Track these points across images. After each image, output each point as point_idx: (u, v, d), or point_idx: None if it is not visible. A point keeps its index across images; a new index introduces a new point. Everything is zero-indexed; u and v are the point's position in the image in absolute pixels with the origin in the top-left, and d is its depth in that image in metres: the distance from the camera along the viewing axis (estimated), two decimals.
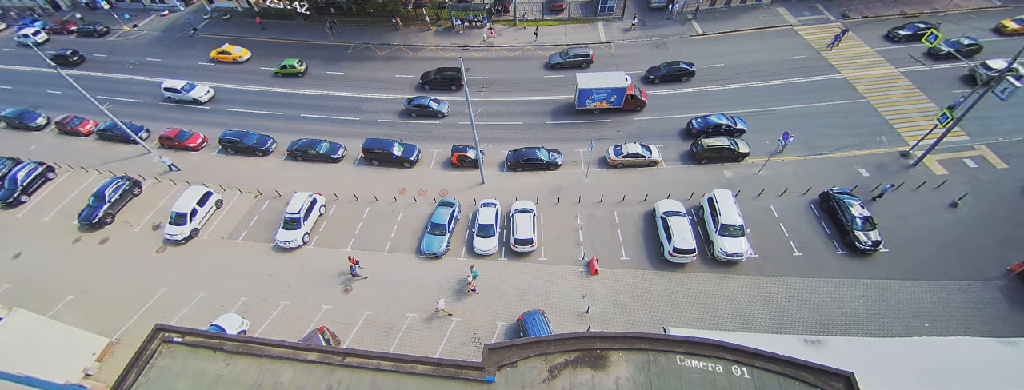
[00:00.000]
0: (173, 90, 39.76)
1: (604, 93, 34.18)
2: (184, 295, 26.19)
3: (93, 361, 23.03)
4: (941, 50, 35.99)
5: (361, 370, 13.16)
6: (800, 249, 25.78)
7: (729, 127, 32.27)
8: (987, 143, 30.08)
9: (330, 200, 31.14)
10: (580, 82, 34.10)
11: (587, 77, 34.70)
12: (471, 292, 25.07)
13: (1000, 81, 23.64)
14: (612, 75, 34.64)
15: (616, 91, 34.02)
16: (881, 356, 17.05)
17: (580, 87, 33.96)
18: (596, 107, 35.19)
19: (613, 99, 34.56)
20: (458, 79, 38.77)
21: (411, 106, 36.66)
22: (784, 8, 45.61)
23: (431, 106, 36.44)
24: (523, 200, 29.06)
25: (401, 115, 37.76)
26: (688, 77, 37.99)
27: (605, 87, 33.87)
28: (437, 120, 36.87)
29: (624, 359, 12.96)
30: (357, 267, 26.00)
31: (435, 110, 36.51)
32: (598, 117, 35.83)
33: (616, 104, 34.89)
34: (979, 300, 22.78)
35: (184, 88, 39.78)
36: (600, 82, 34.07)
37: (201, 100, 40.00)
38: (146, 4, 56.67)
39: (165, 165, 33.99)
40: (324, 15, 51.59)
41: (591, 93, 34.24)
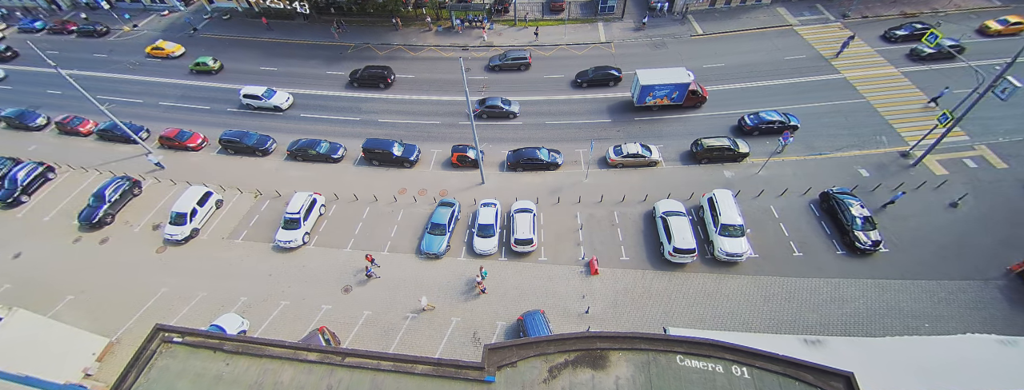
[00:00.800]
0: (253, 97, 38.05)
1: (666, 89, 33.25)
2: (184, 295, 26.20)
3: (93, 361, 23.04)
4: (923, 51, 36.34)
5: (361, 370, 13.16)
6: (800, 249, 25.78)
7: (782, 123, 31.72)
8: (987, 143, 30.08)
9: (330, 200, 31.15)
10: (642, 78, 32.96)
11: (649, 72, 33.47)
12: (481, 293, 24.97)
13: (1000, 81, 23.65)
14: (675, 70, 33.62)
15: (679, 87, 33.12)
16: (881, 356, 17.04)
17: (642, 83, 32.79)
18: (655, 104, 34.30)
19: (675, 95, 33.71)
20: (385, 78, 39.50)
21: (483, 108, 35.82)
22: (784, 8, 45.62)
23: (504, 107, 35.67)
24: (523, 200, 29.06)
25: (401, 115, 37.76)
26: (615, 82, 38.21)
27: (668, 83, 32.85)
28: (510, 120, 36.14)
29: (624, 359, 12.96)
30: (372, 266, 25.93)
31: (508, 111, 35.77)
32: (656, 114, 35.12)
33: (677, 100, 34.07)
34: (979, 300, 22.78)
35: (264, 95, 38.00)
36: (663, 78, 32.94)
37: (281, 107, 38.26)
38: (146, 4, 56.68)
39: (152, 163, 34.06)
40: (324, 15, 51.61)
41: (653, 89, 33.24)
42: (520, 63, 40.58)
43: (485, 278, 25.17)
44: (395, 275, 26.44)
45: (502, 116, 36.22)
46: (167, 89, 42.46)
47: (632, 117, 35.39)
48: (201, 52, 47.01)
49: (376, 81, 39.80)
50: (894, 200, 26.67)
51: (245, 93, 38.22)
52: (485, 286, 25.09)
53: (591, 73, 38.24)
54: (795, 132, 31.91)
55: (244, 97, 38.32)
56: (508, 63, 40.68)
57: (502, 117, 36.30)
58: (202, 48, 47.88)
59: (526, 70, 40.89)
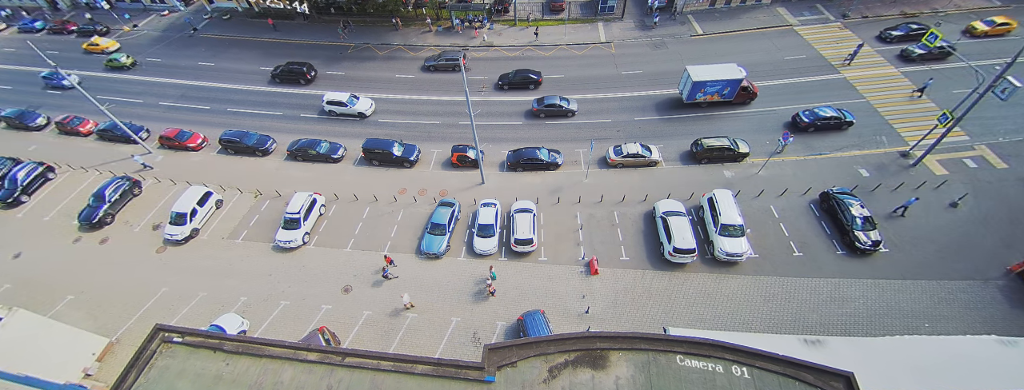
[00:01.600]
0: (337, 104, 36.79)
1: (718, 85, 32.88)
2: (184, 295, 26.20)
3: (93, 361, 23.03)
4: (913, 52, 36.54)
5: (361, 370, 13.16)
6: (800, 249, 25.78)
7: (838, 120, 31.49)
8: (987, 143, 30.08)
9: (330, 200, 31.15)
10: (693, 74, 32.61)
11: (700, 69, 33.12)
12: (491, 295, 24.81)
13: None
14: (726, 66, 33.32)
15: (731, 83, 32.83)
16: (881, 356, 17.05)
17: (694, 80, 32.40)
18: (706, 101, 34.02)
19: (726, 91, 33.43)
20: (305, 73, 40.18)
21: (541, 107, 35.42)
22: (784, 8, 45.62)
23: (563, 105, 35.40)
24: (523, 200, 29.06)
25: (401, 115, 37.76)
26: (535, 85, 38.47)
27: (720, 79, 32.51)
28: (568, 119, 35.78)
29: (624, 359, 12.96)
30: (390, 268, 25.88)
31: (566, 109, 35.48)
32: (706, 111, 34.89)
33: (728, 97, 33.84)
34: (979, 300, 22.78)
35: (349, 101, 36.78)
36: (715, 74, 32.60)
37: (366, 113, 37.14)
38: (146, 4, 56.70)
39: (138, 163, 34.15)
40: (324, 15, 51.62)
41: (705, 86, 32.82)
42: (453, 64, 40.91)
43: (495, 280, 24.99)
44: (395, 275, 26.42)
45: (561, 115, 35.82)
46: (167, 89, 42.48)
47: (681, 114, 35.04)
48: (201, 52, 47.08)
49: (297, 77, 40.92)
50: (907, 206, 26.11)
51: (329, 100, 36.88)
52: (495, 288, 24.89)
53: (512, 75, 38.62)
54: (850, 127, 31.86)
55: (327, 104, 36.97)
56: (441, 64, 41.22)
57: (561, 116, 35.88)
58: (202, 48, 47.94)
59: (457, 71, 41.04)
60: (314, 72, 41.55)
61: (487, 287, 24.86)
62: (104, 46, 47.45)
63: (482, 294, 25.13)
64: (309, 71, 40.91)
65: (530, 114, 36.51)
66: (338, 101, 36.85)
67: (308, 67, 41.22)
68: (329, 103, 37.15)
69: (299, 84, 40.96)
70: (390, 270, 25.91)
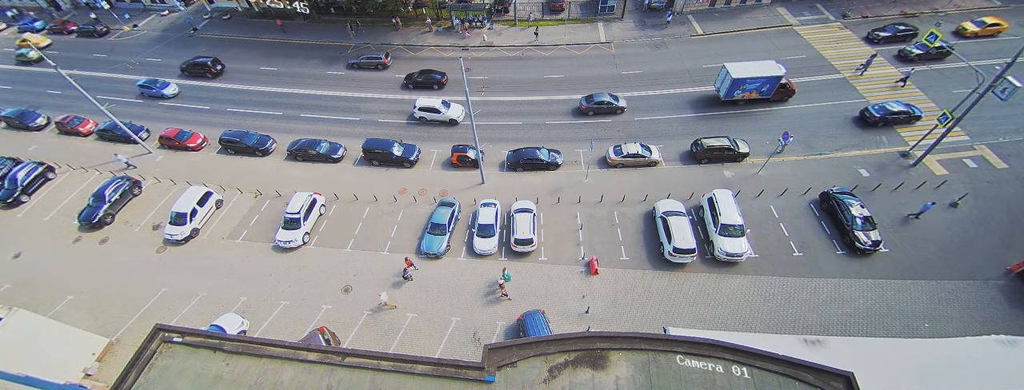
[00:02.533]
0: (430, 110, 35.43)
1: (758, 82, 32.66)
2: (184, 295, 26.19)
3: (93, 361, 23.03)
4: (911, 52, 36.63)
5: (361, 370, 13.16)
6: (800, 249, 25.78)
7: (908, 113, 31.20)
8: (987, 143, 30.08)
9: (330, 200, 31.15)
10: (732, 71, 32.36)
11: (739, 66, 32.86)
12: (503, 297, 24.54)
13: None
14: (766, 63, 33.08)
15: (771, 80, 32.64)
16: (881, 356, 17.05)
17: (733, 77, 32.19)
18: (744, 98, 33.87)
19: (765, 89, 33.23)
20: (210, 67, 42.35)
21: (591, 104, 35.04)
22: (784, 8, 45.62)
23: (613, 102, 34.96)
24: (523, 200, 29.06)
25: (402, 115, 37.75)
26: (438, 86, 39.66)
27: (760, 76, 32.34)
28: (617, 116, 35.32)
29: (624, 359, 12.96)
30: (410, 269, 25.79)
31: (616, 106, 34.98)
32: (743, 108, 34.70)
33: (766, 94, 33.65)
34: (979, 300, 22.79)
35: (441, 107, 35.47)
36: (754, 70, 32.41)
37: (457, 120, 35.93)
38: (146, 4, 56.69)
39: (122, 162, 34.24)
40: (324, 15, 51.62)
41: (744, 82, 32.61)
42: (375, 63, 42.02)
43: (508, 281, 24.67)
44: (395, 275, 26.43)
45: (610, 112, 35.50)
46: None
47: (719, 111, 34.86)
48: (201, 52, 47.01)
49: (203, 70, 42.62)
50: (924, 210, 25.71)
51: (421, 105, 35.44)
52: (507, 291, 24.64)
53: (418, 76, 39.94)
54: (917, 122, 31.53)
55: (420, 110, 35.56)
56: (364, 62, 42.15)
57: (610, 113, 35.57)
58: (202, 48, 47.88)
59: (384, 70, 42.20)
60: (221, 66, 43.59)
61: (499, 289, 24.58)
62: (36, 42, 48.58)
63: (482, 294, 25.14)
64: (215, 66, 42.85)
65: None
66: (431, 108, 35.28)
67: (216, 61, 43.33)
68: (421, 109, 35.54)
69: (206, 78, 43.08)
70: (410, 271, 25.80)
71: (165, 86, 41.09)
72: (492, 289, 25.31)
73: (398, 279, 26.14)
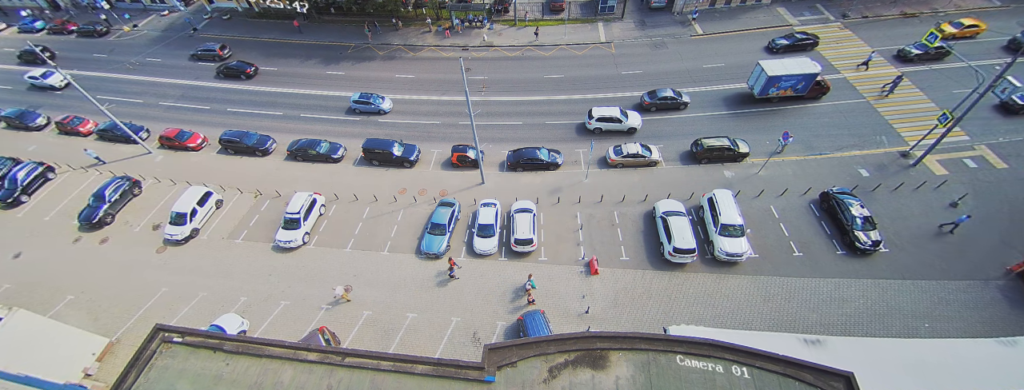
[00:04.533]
0: (610, 120, 32.44)
1: (793, 80, 32.65)
2: (184, 295, 26.19)
3: (93, 361, 23.03)
4: (910, 53, 36.76)
5: (361, 370, 13.16)
6: (800, 249, 25.78)
7: None
8: (987, 143, 30.07)
9: (330, 200, 31.15)
10: (768, 69, 32.28)
11: (774, 63, 32.82)
12: (530, 303, 24.29)
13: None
14: (800, 60, 33.10)
15: (806, 78, 32.58)
16: (881, 356, 17.06)
17: (769, 74, 32.15)
18: (778, 96, 33.80)
19: (800, 86, 33.23)
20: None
21: (654, 100, 34.79)
22: (784, 8, 45.61)
23: (677, 98, 34.77)
24: (523, 200, 29.06)
25: (401, 115, 37.75)
26: (246, 76, 41.63)
27: (795, 74, 32.25)
28: (682, 112, 35.13)
29: (624, 359, 12.96)
30: (456, 269, 25.80)
31: (681, 101, 34.84)
32: (777, 105, 34.56)
33: (801, 91, 33.67)
34: (979, 300, 22.79)
35: (622, 116, 32.59)
36: (789, 68, 32.35)
37: (636, 127, 33.55)
38: (146, 4, 56.69)
39: (91, 157, 34.49)
40: (324, 15, 51.61)
41: (779, 80, 32.59)
42: (211, 54, 44.18)
43: (534, 288, 24.29)
44: (395, 275, 26.45)
45: (674, 108, 35.20)
46: (167, 89, 42.46)
47: (754, 108, 34.75)
48: None
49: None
50: (958, 223, 24.85)
51: (599, 116, 33.09)
52: (534, 297, 24.36)
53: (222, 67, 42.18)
54: None
55: (596, 120, 33.24)
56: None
57: (673, 109, 35.29)
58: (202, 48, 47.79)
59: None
60: None
61: (529, 298, 24.22)
62: None
63: (482, 294, 25.13)
64: None
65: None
66: (611, 117, 32.78)
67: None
68: (599, 119, 33.10)
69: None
70: (455, 271, 25.81)
71: (381, 100, 37.38)
72: (492, 289, 25.31)
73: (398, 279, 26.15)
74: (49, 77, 42.47)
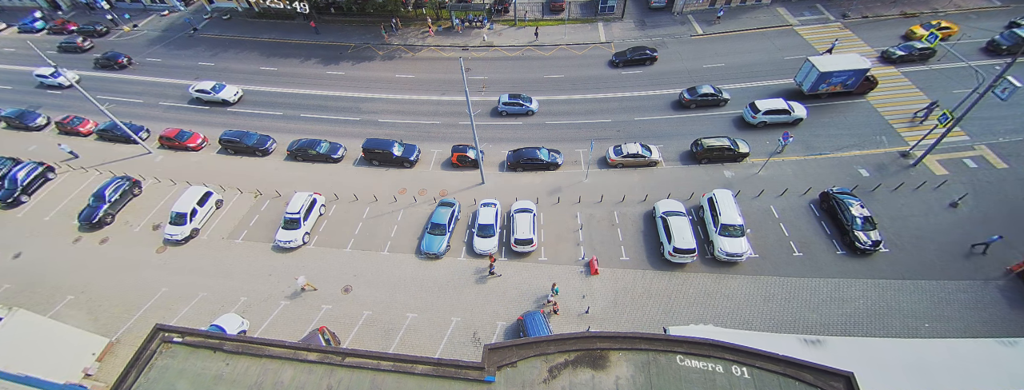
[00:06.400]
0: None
1: (844, 76, 32.61)
2: (184, 295, 26.19)
3: (93, 361, 23.03)
4: (894, 53, 36.94)
5: (361, 370, 13.16)
6: (800, 249, 25.77)
7: None
8: (987, 143, 30.07)
9: (330, 200, 31.15)
10: (819, 65, 32.29)
11: (825, 59, 32.88)
12: (554, 313, 23.86)
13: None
14: (850, 56, 33.16)
15: (857, 73, 32.54)
16: (881, 356, 17.05)
17: (821, 70, 32.10)
18: (828, 91, 33.83)
19: (850, 82, 33.19)
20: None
21: (694, 97, 34.60)
22: (784, 8, 45.61)
23: (718, 95, 34.64)
24: (523, 200, 29.06)
25: (401, 115, 37.76)
26: (119, 66, 43.17)
27: (846, 69, 32.19)
28: (720, 109, 34.84)
29: (624, 359, 12.96)
30: (495, 266, 25.81)
31: (721, 98, 34.70)
32: (826, 101, 34.52)
33: (851, 87, 33.63)
34: (979, 300, 22.78)
35: (786, 118, 31.65)
36: (840, 64, 32.34)
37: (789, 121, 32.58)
38: (146, 4, 56.70)
39: (65, 152, 34.66)
40: (324, 15, 51.62)
41: (830, 76, 32.56)
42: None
43: (557, 294, 23.85)
44: (395, 275, 26.45)
45: (714, 104, 34.96)
46: (167, 89, 42.46)
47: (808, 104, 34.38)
48: (201, 52, 47.10)
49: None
50: (989, 243, 24.22)
51: (766, 108, 32.19)
52: (559, 307, 23.86)
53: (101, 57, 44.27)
54: None
55: (763, 113, 32.33)
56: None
57: (714, 106, 35.05)
58: (202, 48, 47.92)
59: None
60: None
61: (552, 305, 23.82)
62: None
63: (482, 294, 25.13)
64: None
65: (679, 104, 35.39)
66: (779, 109, 32.04)
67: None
68: (767, 113, 32.30)
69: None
70: (496, 267, 25.84)
71: (530, 101, 36.33)
72: (492, 289, 25.30)
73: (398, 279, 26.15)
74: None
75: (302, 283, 24.96)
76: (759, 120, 32.91)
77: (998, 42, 36.17)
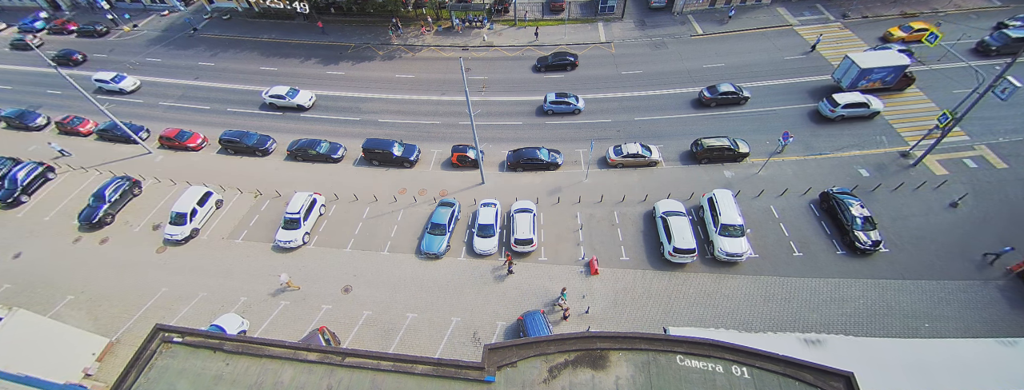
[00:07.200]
0: None
1: (883, 72, 32.59)
2: (184, 295, 26.19)
3: (93, 361, 23.03)
4: None
5: (361, 370, 13.16)
6: (800, 249, 25.77)
7: None
8: (987, 143, 30.07)
9: (330, 200, 31.15)
10: (860, 61, 32.26)
11: (866, 56, 32.79)
12: (564, 320, 23.66)
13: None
14: (889, 52, 33.20)
15: (896, 69, 32.58)
16: (881, 356, 17.05)
17: (861, 67, 32.06)
18: (867, 88, 33.75)
19: (889, 78, 33.22)
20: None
21: (715, 95, 34.68)
22: (784, 8, 45.61)
23: (739, 93, 34.60)
24: (523, 200, 29.06)
25: (401, 115, 37.76)
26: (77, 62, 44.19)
27: (886, 66, 32.22)
28: (741, 107, 34.83)
29: (624, 359, 12.96)
30: (513, 265, 25.89)
31: (742, 97, 34.68)
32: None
33: (890, 83, 33.68)
34: (979, 300, 22.78)
35: None
36: (882, 60, 32.34)
37: None
38: (146, 4, 56.70)
39: (56, 150, 34.74)
40: (323, 15, 51.62)
41: (870, 72, 32.55)
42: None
43: (566, 299, 23.59)
44: (395, 275, 26.45)
45: (735, 102, 35.10)
46: (167, 89, 42.47)
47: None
48: (201, 52, 47.11)
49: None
50: (1000, 254, 23.92)
51: (846, 102, 31.64)
52: (569, 312, 23.61)
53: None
54: None
55: (842, 107, 31.70)
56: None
57: (735, 104, 35.18)
58: (202, 48, 47.93)
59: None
60: None
61: (565, 311, 23.48)
62: None
63: (482, 294, 25.14)
64: None
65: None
66: (858, 102, 31.52)
67: None
68: (846, 106, 31.58)
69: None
70: (514, 266, 25.92)
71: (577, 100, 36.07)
72: (492, 289, 25.30)
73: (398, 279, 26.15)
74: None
75: (284, 280, 25.16)
76: (837, 114, 32.51)
77: (988, 43, 36.16)
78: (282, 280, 25.14)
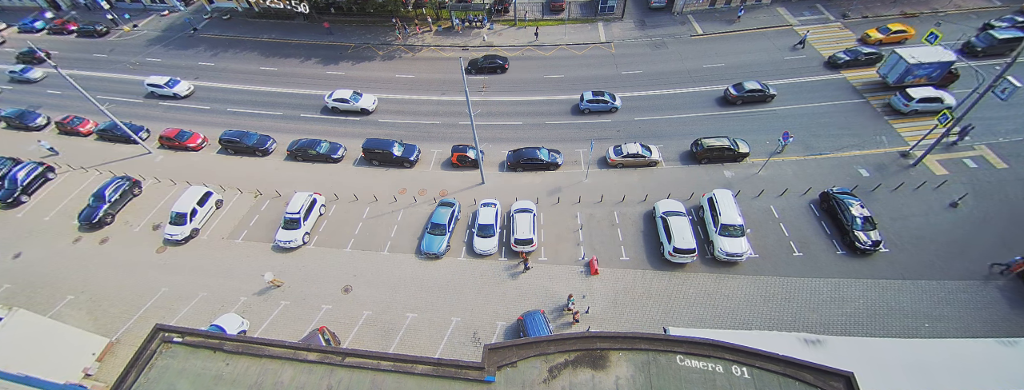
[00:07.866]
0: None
1: (929, 68, 32.61)
2: (184, 295, 26.19)
3: (93, 361, 23.03)
4: (839, 59, 37.09)
5: (361, 370, 13.16)
6: (800, 249, 25.77)
7: None
8: (987, 143, 30.07)
9: (330, 200, 31.15)
10: (909, 57, 32.31)
11: (914, 51, 32.73)
12: (574, 323, 23.40)
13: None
14: (935, 49, 32.79)
15: (942, 66, 32.59)
16: (881, 356, 17.05)
17: (909, 62, 32.08)
18: (912, 83, 33.61)
19: (935, 74, 33.18)
20: None
21: (741, 93, 34.04)
22: (784, 8, 45.62)
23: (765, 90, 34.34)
24: (523, 200, 29.06)
25: (401, 115, 37.75)
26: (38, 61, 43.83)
27: (933, 62, 32.23)
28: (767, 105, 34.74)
29: (624, 359, 12.96)
30: (531, 263, 25.94)
31: (768, 94, 34.49)
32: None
33: (935, 79, 33.58)
34: (979, 300, 22.77)
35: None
36: (929, 56, 32.30)
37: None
38: (146, 4, 56.71)
39: (45, 149, 34.92)
40: (323, 15, 51.64)
41: (918, 68, 32.48)
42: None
43: (574, 304, 23.21)
44: (395, 275, 26.45)
45: (761, 100, 34.91)
46: None
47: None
48: (201, 52, 47.10)
49: None
50: (1011, 264, 23.35)
51: (920, 97, 31.58)
52: (579, 315, 23.34)
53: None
54: None
55: (917, 101, 31.70)
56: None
57: (761, 101, 34.99)
58: (202, 48, 47.93)
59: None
60: None
61: (573, 315, 23.26)
62: None
63: (482, 294, 25.14)
64: None
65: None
66: (933, 97, 31.33)
67: None
68: (920, 101, 31.33)
69: None
70: (532, 264, 25.96)
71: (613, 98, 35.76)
72: (492, 289, 25.31)
73: (398, 279, 26.14)
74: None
75: (269, 279, 25.23)
76: (911, 108, 32.30)
77: (973, 44, 36.14)
78: (266, 278, 25.21)
